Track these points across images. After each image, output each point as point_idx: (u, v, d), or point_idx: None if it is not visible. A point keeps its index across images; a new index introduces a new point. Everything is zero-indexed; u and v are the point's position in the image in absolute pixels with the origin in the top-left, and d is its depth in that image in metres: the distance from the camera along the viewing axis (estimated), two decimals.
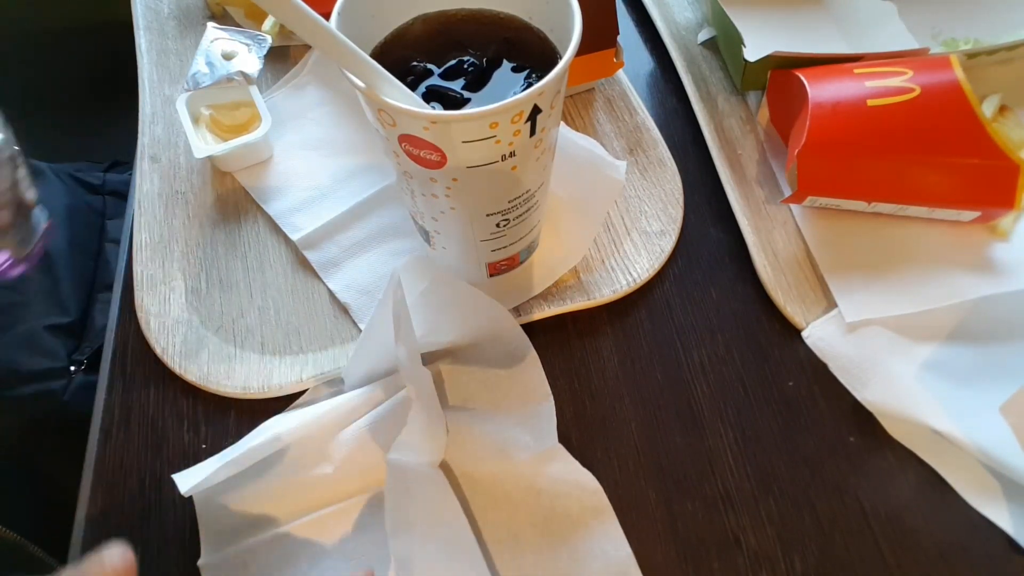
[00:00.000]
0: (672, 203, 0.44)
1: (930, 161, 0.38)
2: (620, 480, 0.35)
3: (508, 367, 0.36)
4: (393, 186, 0.44)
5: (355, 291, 0.40)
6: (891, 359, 0.37)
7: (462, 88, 0.30)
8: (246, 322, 0.40)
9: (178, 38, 0.52)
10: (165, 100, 0.48)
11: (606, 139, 0.47)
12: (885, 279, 0.40)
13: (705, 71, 0.50)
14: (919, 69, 0.39)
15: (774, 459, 0.36)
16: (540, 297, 0.40)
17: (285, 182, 0.45)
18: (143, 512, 0.34)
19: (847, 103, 0.39)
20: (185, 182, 0.45)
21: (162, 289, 0.40)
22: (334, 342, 0.39)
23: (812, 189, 0.39)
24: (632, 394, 0.37)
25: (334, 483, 0.34)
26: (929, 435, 0.35)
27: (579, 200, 0.41)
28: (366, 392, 0.35)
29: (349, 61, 0.25)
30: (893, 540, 0.33)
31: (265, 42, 0.47)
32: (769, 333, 0.39)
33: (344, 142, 0.47)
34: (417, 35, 0.32)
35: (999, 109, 0.43)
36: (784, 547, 0.33)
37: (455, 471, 0.34)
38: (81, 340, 0.59)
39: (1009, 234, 0.41)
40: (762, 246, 0.41)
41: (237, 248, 0.43)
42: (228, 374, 0.37)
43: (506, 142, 0.27)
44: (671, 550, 0.33)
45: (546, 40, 0.31)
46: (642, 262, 0.41)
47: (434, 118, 0.25)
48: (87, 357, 0.57)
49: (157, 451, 0.36)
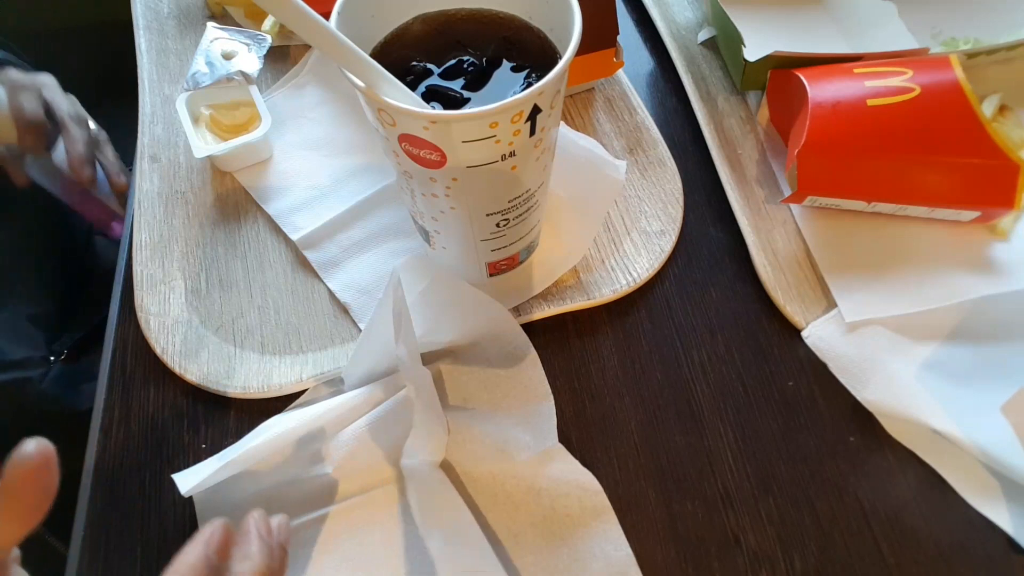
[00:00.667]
0: (672, 203, 0.44)
1: (930, 161, 0.38)
2: (620, 480, 0.35)
3: (508, 367, 0.36)
4: (393, 186, 0.44)
5: (355, 291, 0.40)
6: (891, 359, 0.37)
7: (462, 88, 0.30)
8: (246, 322, 0.40)
9: (178, 38, 0.52)
10: (165, 100, 0.48)
11: (606, 139, 0.47)
12: (885, 279, 0.40)
13: (705, 71, 0.50)
14: (919, 69, 0.39)
15: (774, 459, 0.36)
16: (540, 297, 0.40)
17: (285, 182, 0.45)
18: (143, 512, 0.34)
19: (847, 103, 0.39)
20: (185, 182, 0.45)
21: (162, 289, 0.40)
22: (334, 342, 0.39)
23: (812, 189, 0.39)
24: (632, 394, 0.37)
25: (334, 483, 0.34)
26: (929, 435, 0.35)
27: (579, 200, 0.41)
28: (366, 392, 0.35)
29: (349, 61, 0.25)
30: (893, 540, 0.33)
31: (265, 42, 0.47)
32: (769, 333, 0.39)
33: (344, 142, 0.47)
34: (417, 35, 0.32)
35: (999, 109, 0.43)
36: (784, 547, 0.33)
37: (455, 471, 0.34)
38: (62, 330, 0.58)
39: (1009, 234, 0.41)
40: (762, 246, 0.41)
41: (237, 248, 0.43)
42: (228, 374, 0.37)
43: (506, 142, 0.27)
44: (671, 550, 0.33)
45: (546, 40, 0.31)
46: (642, 262, 0.41)
47: (434, 118, 0.25)
48: (67, 347, 0.57)
49: (157, 451, 0.36)
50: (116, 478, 0.35)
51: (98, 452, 0.36)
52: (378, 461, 0.34)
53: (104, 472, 0.36)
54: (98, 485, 0.35)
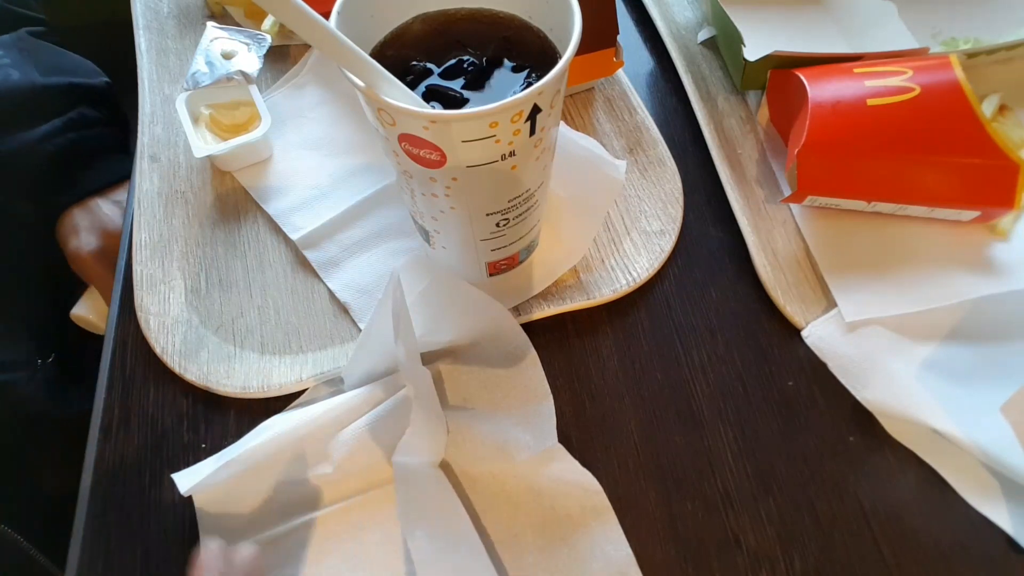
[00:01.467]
0: (672, 202, 0.44)
1: (930, 161, 0.38)
2: (620, 480, 0.35)
3: (508, 367, 0.36)
4: (393, 185, 0.44)
5: (355, 290, 0.40)
6: (891, 359, 0.37)
7: (462, 88, 0.29)
8: (246, 321, 0.40)
9: (177, 37, 0.52)
10: (165, 99, 0.48)
11: (606, 138, 0.47)
12: (885, 279, 0.40)
13: (705, 70, 0.50)
14: (919, 68, 0.39)
15: (774, 459, 0.36)
16: (540, 297, 0.40)
17: (285, 181, 0.45)
18: (143, 512, 0.34)
19: (847, 102, 0.39)
20: (185, 181, 0.45)
21: (162, 288, 0.40)
22: (334, 342, 0.39)
23: (812, 188, 0.39)
24: (632, 394, 0.37)
25: (334, 483, 0.34)
26: (929, 434, 0.35)
27: (579, 199, 0.41)
28: (366, 392, 0.35)
29: (348, 60, 0.25)
30: (892, 539, 0.33)
31: (265, 41, 0.47)
32: (769, 333, 0.39)
33: (344, 141, 0.47)
34: (417, 34, 0.32)
35: (999, 109, 0.43)
36: (784, 546, 0.33)
37: (455, 471, 0.34)
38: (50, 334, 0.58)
39: (1009, 234, 0.41)
40: (762, 246, 0.41)
41: (237, 247, 0.42)
42: (228, 373, 0.37)
43: (506, 141, 0.27)
44: (671, 550, 0.33)
45: (546, 39, 0.31)
46: (642, 262, 0.41)
47: (434, 117, 0.25)
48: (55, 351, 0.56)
49: (157, 451, 0.36)
50: (116, 478, 0.35)
51: (98, 452, 0.36)
52: (378, 461, 0.34)
53: (104, 472, 0.35)
54: (98, 485, 0.35)
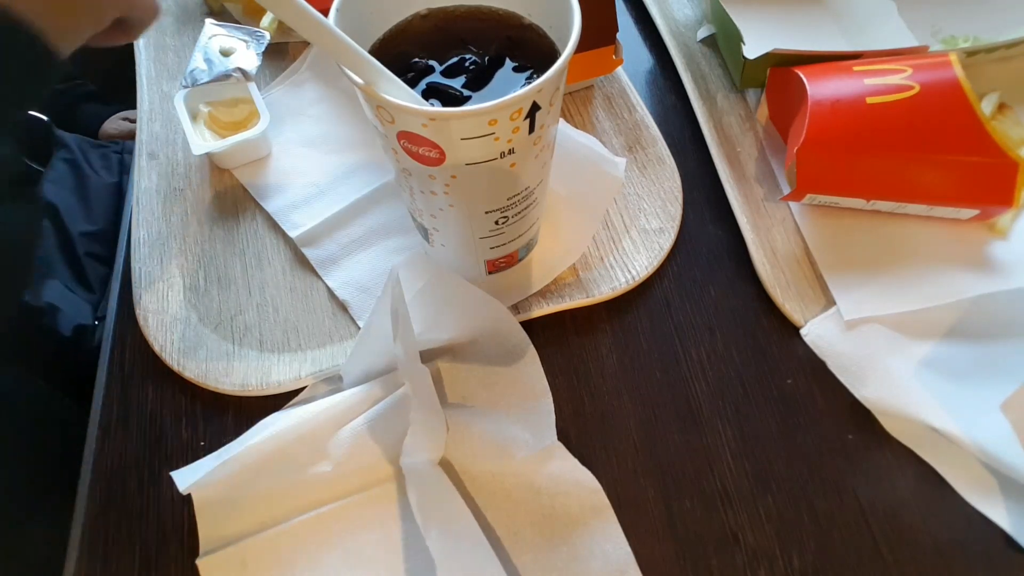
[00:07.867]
0: (671, 200, 0.43)
1: (929, 159, 0.38)
2: (619, 478, 0.35)
3: (507, 365, 0.36)
4: (392, 183, 0.44)
5: (354, 288, 0.40)
6: (889, 357, 0.37)
7: (462, 86, 0.29)
8: (244, 319, 0.40)
9: (176, 34, 0.52)
10: (163, 97, 0.48)
11: (605, 136, 0.47)
12: (884, 277, 0.40)
13: (704, 68, 0.50)
14: (918, 67, 0.39)
15: (772, 457, 0.36)
16: (539, 295, 0.40)
17: (283, 179, 0.45)
18: (141, 509, 0.34)
19: (846, 101, 0.39)
20: (183, 179, 0.45)
21: (160, 286, 0.40)
22: (332, 339, 0.39)
23: (811, 187, 0.39)
24: (631, 392, 0.37)
25: (333, 481, 0.34)
26: (927, 432, 0.35)
27: (578, 197, 0.41)
28: (365, 390, 0.35)
29: (347, 57, 0.25)
30: (891, 537, 0.33)
31: (263, 39, 0.46)
32: (768, 331, 0.39)
33: (343, 139, 0.46)
34: (418, 31, 0.32)
35: (998, 107, 0.43)
36: (782, 544, 0.33)
37: (454, 469, 0.34)
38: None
39: (1008, 232, 0.41)
40: (761, 244, 0.41)
41: (235, 245, 0.42)
42: (227, 371, 0.37)
43: (505, 139, 0.27)
44: (670, 548, 0.33)
45: (545, 37, 0.31)
46: (641, 260, 0.41)
47: (432, 115, 0.25)
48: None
49: (155, 448, 0.36)
50: (115, 475, 0.35)
51: (97, 449, 0.36)
52: (377, 459, 0.34)
53: (103, 469, 0.35)
54: (97, 482, 0.35)
